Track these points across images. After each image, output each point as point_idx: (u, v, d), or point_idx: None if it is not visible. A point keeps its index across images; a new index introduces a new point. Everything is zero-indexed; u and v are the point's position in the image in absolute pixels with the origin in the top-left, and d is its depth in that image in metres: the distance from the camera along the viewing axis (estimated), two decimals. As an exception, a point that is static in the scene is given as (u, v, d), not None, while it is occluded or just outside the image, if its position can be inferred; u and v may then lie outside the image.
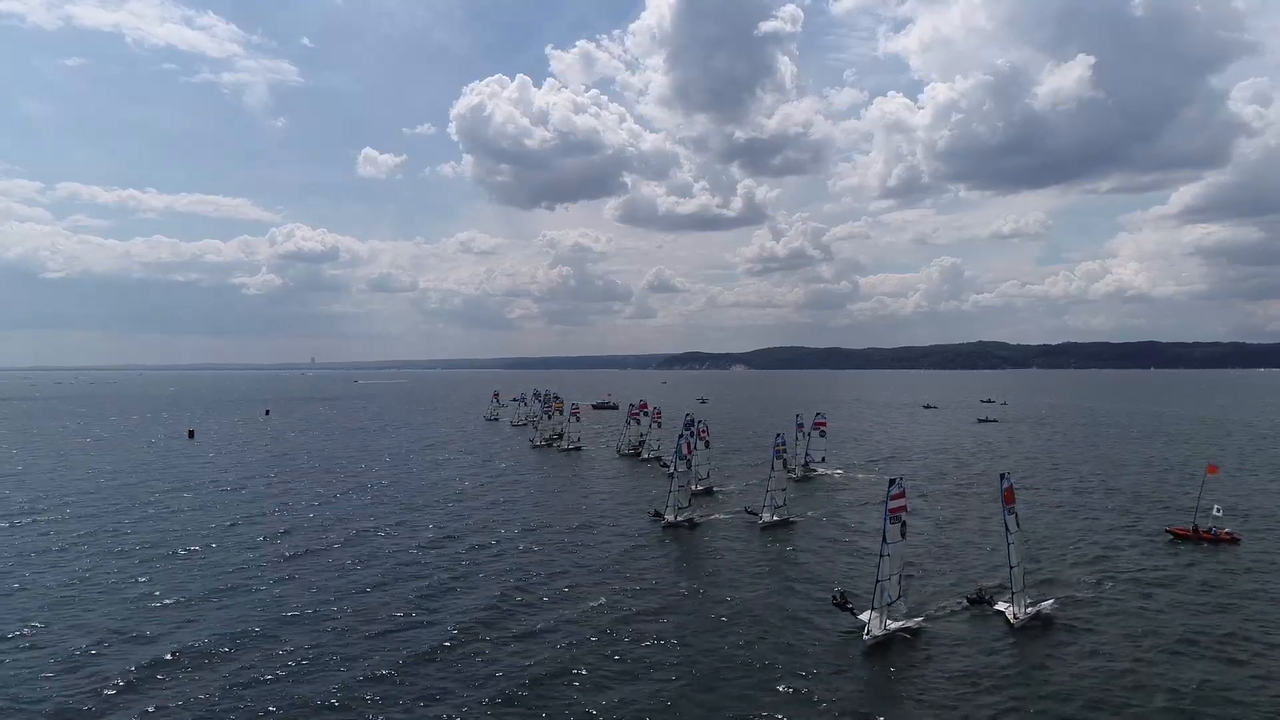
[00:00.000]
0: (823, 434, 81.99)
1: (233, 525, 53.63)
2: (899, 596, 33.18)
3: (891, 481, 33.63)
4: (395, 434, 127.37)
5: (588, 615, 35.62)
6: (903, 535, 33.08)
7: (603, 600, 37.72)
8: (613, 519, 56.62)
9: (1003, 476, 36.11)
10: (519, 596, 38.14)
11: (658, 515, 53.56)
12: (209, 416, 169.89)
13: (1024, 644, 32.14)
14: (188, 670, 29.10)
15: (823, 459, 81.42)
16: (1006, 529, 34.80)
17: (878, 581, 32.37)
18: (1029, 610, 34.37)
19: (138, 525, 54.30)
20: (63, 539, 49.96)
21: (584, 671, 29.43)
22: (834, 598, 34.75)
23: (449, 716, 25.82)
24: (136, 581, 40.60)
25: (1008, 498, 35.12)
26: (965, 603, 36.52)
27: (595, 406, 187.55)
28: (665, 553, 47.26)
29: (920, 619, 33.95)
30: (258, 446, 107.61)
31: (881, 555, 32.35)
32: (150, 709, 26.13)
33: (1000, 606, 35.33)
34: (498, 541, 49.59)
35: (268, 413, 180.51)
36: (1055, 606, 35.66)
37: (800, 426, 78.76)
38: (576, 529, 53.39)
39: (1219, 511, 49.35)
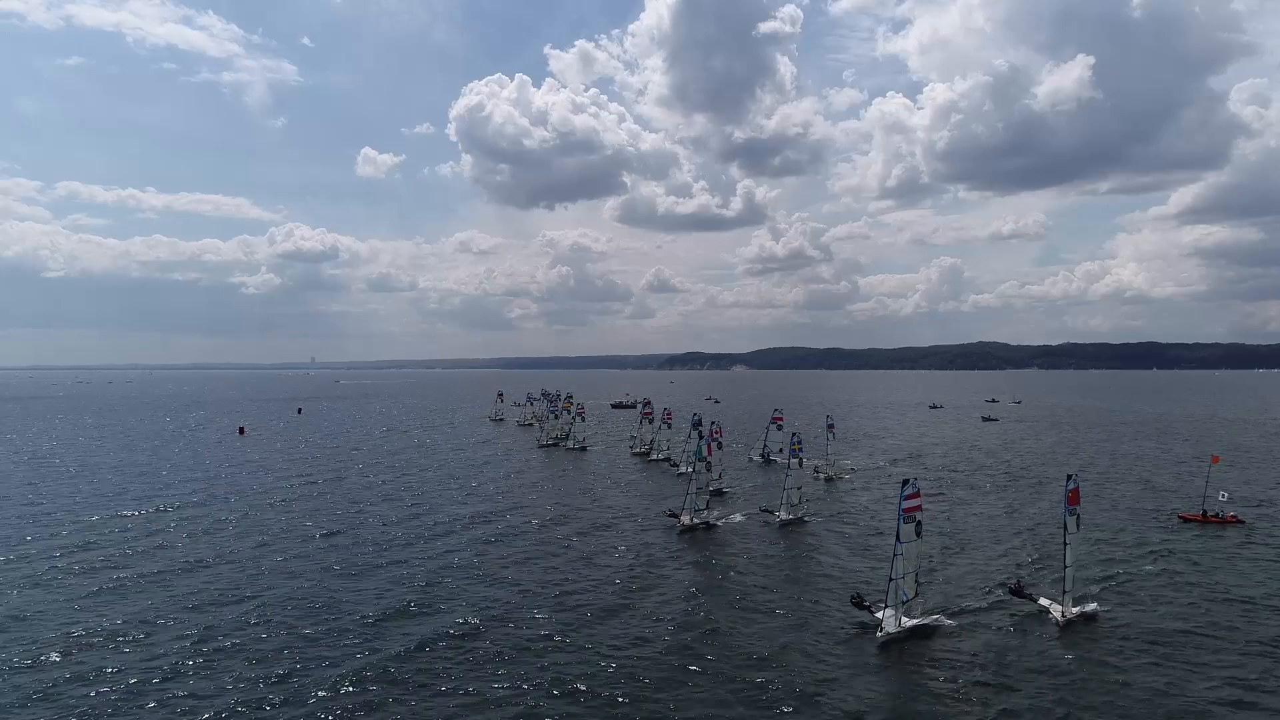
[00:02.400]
0: (779, 428, 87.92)
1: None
2: (915, 595, 33.41)
3: (905, 482, 33.88)
4: (403, 435, 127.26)
5: (601, 612, 35.56)
6: (918, 535, 33.30)
7: (617, 598, 37.66)
8: (627, 519, 56.41)
9: (1070, 477, 36.00)
10: (532, 594, 37.99)
11: (673, 516, 53.44)
12: (247, 415, 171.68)
13: (1065, 641, 32.21)
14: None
15: (780, 450, 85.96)
16: (1065, 529, 34.83)
17: (891, 579, 32.68)
18: (1074, 610, 34.37)
19: (272, 514, 57.96)
20: (215, 528, 52.95)
21: (597, 666, 29.46)
22: (852, 598, 35.00)
23: (461, 713, 25.83)
24: (330, 566, 43.56)
25: (1072, 498, 35.07)
26: (1006, 593, 36.67)
27: (614, 405, 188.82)
28: (681, 552, 47.09)
29: (938, 616, 34.13)
30: (305, 443, 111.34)
31: (895, 554, 32.64)
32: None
33: (1044, 602, 35.35)
34: (511, 541, 49.46)
35: (300, 411, 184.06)
36: (1101, 606, 35.67)
37: (831, 427, 78.89)
38: (591, 528, 53.24)
39: (1225, 497, 54.76)
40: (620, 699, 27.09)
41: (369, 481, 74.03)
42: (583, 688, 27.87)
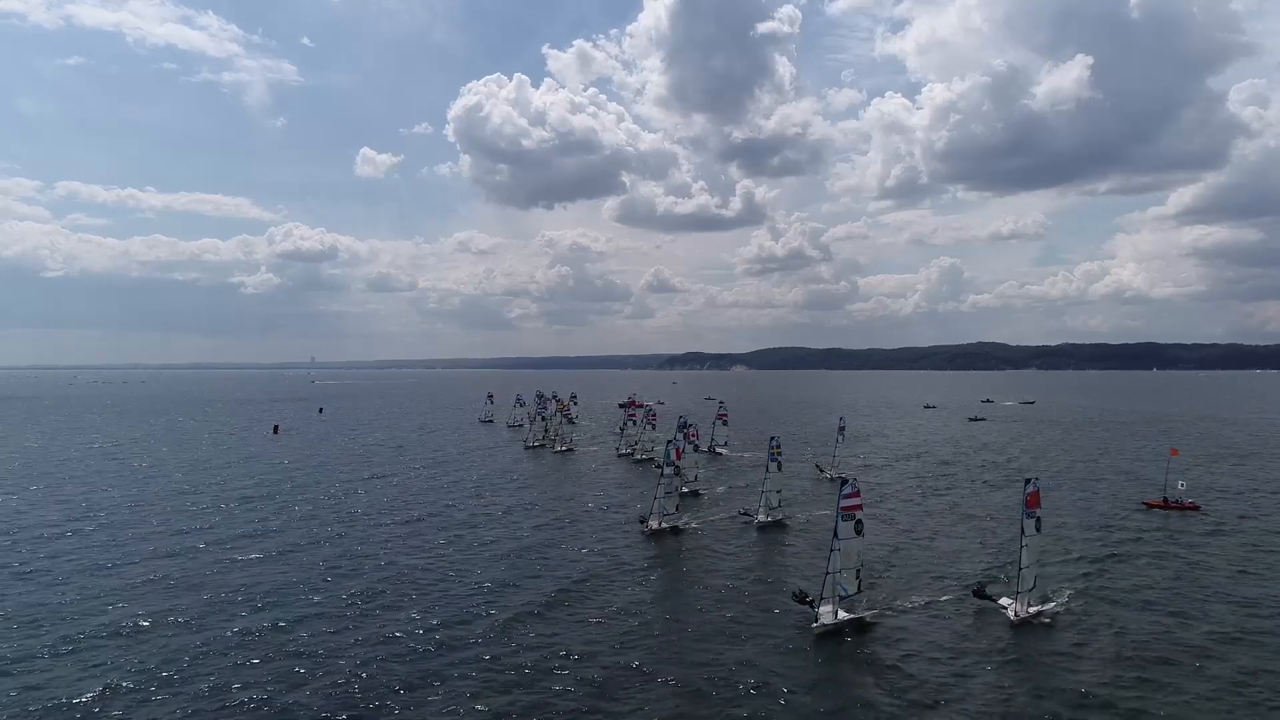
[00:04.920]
0: (725, 423, 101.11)
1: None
2: (858, 590, 34.44)
3: (844, 481, 35.16)
4: (392, 438, 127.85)
5: (550, 618, 35.74)
6: (858, 532, 34.39)
7: (568, 603, 37.81)
8: (596, 523, 56.53)
9: (1028, 481, 36.79)
10: (477, 598, 38.17)
11: (643, 521, 53.50)
12: (272, 414, 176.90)
13: (1012, 640, 32.88)
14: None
15: (725, 443, 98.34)
16: (1023, 531, 35.57)
17: (828, 574, 33.64)
18: (1032, 609, 35.02)
19: (352, 500, 66.06)
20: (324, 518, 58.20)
21: (533, 672, 29.69)
22: (794, 593, 35.69)
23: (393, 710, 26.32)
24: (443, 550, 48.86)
25: (1030, 501, 35.77)
26: (969, 593, 37.32)
27: (622, 405, 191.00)
28: (642, 557, 47.10)
29: (877, 610, 35.10)
30: (335, 441, 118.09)
31: (832, 550, 33.67)
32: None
33: (1004, 602, 36.00)
34: (471, 544, 49.68)
35: (321, 410, 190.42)
36: (1059, 606, 36.36)
37: (842, 429, 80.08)
38: (556, 532, 53.33)
39: (1183, 486, 62.10)
40: (548, 700, 27.33)
41: (363, 485, 74.38)
42: (514, 688, 28.10)
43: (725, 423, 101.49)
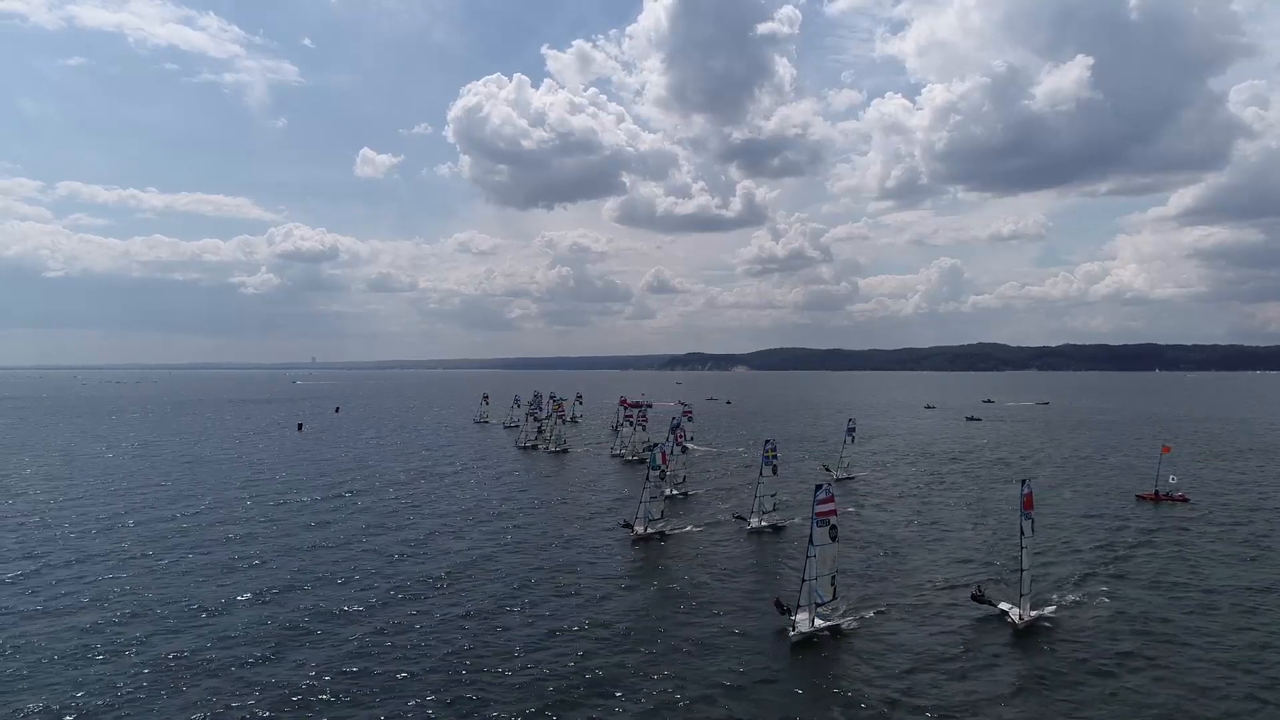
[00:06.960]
0: (690, 419, 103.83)
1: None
2: (834, 596, 34.22)
3: (818, 487, 34.56)
4: (389, 440, 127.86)
5: (519, 625, 35.29)
6: (832, 538, 34.13)
7: (540, 611, 37.27)
8: (580, 527, 56.04)
9: (1023, 483, 36.56)
10: (450, 602, 37.77)
11: (627, 525, 52.87)
12: (288, 412, 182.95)
13: (1014, 645, 32.62)
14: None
15: (691, 438, 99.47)
16: (1021, 533, 35.30)
17: (804, 580, 33.41)
18: (1032, 614, 34.69)
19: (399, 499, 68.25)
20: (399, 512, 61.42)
21: (506, 680, 29.22)
22: (775, 602, 35.24)
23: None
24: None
25: (1026, 504, 35.51)
26: (970, 601, 36.85)
27: (628, 405, 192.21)
28: (624, 563, 46.60)
29: (852, 619, 34.68)
30: (354, 440, 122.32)
31: (808, 556, 33.39)
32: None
33: (1004, 607, 35.63)
34: (448, 546, 49.38)
35: (338, 410, 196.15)
36: (1058, 609, 36.15)
37: (852, 430, 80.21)
38: (538, 536, 52.86)
39: (1173, 480, 65.93)
40: (517, 710, 27.02)
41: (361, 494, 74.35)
42: (479, 698, 27.77)
43: (690, 419, 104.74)
